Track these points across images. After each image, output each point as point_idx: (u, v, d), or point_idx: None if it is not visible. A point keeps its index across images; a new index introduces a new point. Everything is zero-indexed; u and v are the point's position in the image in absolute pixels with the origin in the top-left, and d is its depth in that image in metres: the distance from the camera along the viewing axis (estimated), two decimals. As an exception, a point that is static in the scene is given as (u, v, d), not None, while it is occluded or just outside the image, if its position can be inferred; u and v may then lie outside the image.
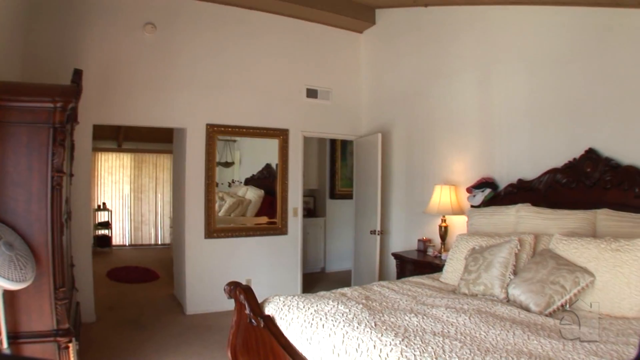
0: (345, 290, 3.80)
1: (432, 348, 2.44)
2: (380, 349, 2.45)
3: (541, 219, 4.27)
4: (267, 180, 7.18)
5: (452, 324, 2.89)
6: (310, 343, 2.82)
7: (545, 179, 4.70)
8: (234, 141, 6.98)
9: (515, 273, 3.71)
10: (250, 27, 6.84)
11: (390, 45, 7.25)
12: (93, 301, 5.93)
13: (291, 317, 3.10)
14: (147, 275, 8.89)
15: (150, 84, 6.16)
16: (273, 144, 7.04)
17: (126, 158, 12.36)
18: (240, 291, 3.36)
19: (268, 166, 7.18)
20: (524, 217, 4.44)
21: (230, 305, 3.50)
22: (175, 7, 6.34)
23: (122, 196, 12.41)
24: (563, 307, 3.26)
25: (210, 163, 6.55)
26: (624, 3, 4.02)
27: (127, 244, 12.38)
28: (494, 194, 5.21)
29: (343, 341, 2.65)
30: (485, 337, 2.67)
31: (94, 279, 6.04)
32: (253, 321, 3.20)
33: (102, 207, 11.84)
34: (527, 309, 3.26)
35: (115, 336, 5.37)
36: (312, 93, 7.31)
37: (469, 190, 5.44)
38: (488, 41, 5.51)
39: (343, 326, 2.80)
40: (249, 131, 6.83)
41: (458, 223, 5.74)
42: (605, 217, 3.88)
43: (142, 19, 6.12)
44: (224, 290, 3.49)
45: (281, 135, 7.05)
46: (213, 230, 6.63)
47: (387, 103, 7.23)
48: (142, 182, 12.55)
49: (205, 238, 6.59)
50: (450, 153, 6.03)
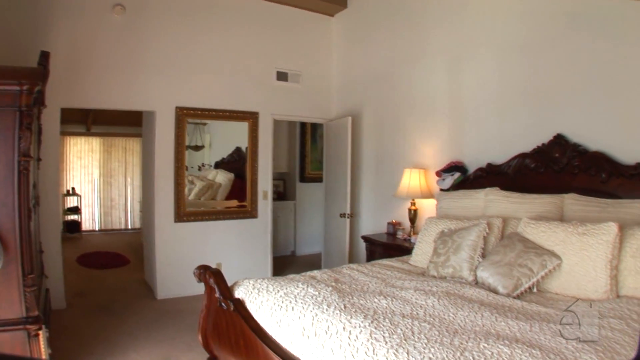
0: (314, 273, 3.79)
1: (401, 330, 2.44)
2: (349, 331, 2.44)
3: (510, 203, 4.31)
4: (237, 163, 7.10)
5: (421, 306, 2.89)
6: (280, 326, 2.80)
7: (514, 164, 4.74)
8: (204, 124, 6.89)
9: (483, 256, 3.74)
10: (220, 10, 6.71)
11: (361, 29, 7.20)
12: (63, 287, 5.80)
13: (261, 300, 3.08)
14: (118, 260, 8.78)
15: (119, 67, 5.99)
16: (243, 127, 6.96)
17: (95, 142, 12.09)
18: (209, 275, 3.33)
19: (238, 149, 7.11)
20: (493, 201, 4.47)
21: (201, 289, 3.46)
22: (144, -12, 6.17)
23: (92, 181, 12.16)
24: (530, 290, 3.30)
25: (179, 146, 6.44)
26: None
27: (97, 229, 12.17)
28: (463, 178, 5.24)
29: (312, 323, 2.63)
30: (453, 319, 2.68)
31: (64, 265, 5.91)
32: (223, 305, 3.17)
33: (71, 192, 11.59)
34: (495, 291, 3.29)
35: (86, 322, 5.28)
36: (283, 76, 7.23)
37: (439, 174, 5.46)
38: (459, 27, 5.50)
39: (312, 309, 2.78)
40: (219, 114, 6.73)
41: (427, 206, 5.77)
42: (572, 202, 3.94)
43: (111, 0, 5.92)
44: (194, 274, 3.45)
45: (251, 118, 6.97)
46: (183, 214, 6.54)
47: (358, 87, 7.20)
48: (112, 167, 12.31)
49: (175, 222, 6.50)
50: (420, 137, 6.04)
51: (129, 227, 12.53)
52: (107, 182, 12.31)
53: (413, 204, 5.77)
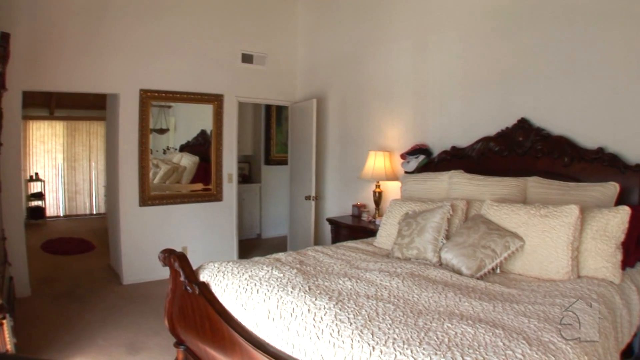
0: (279, 255, 3.76)
1: (366, 311, 2.43)
2: (314, 313, 2.42)
3: (473, 186, 4.34)
4: (202, 146, 7.00)
5: (386, 287, 2.89)
6: (245, 308, 2.76)
7: (478, 147, 4.78)
8: (169, 107, 6.74)
9: (447, 238, 3.76)
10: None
11: (327, 10, 7.12)
12: (27, 275, 5.62)
13: (226, 283, 3.04)
14: (83, 246, 8.60)
15: (82, 49, 5.77)
16: (208, 110, 6.85)
17: (59, 126, 11.70)
18: (174, 258, 3.26)
19: (203, 132, 7.00)
20: (457, 184, 4.49)
21: (167, 273, 3.40)
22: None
23: (56, 166, 11.78)
24: (494, 271, 3.34)
25: (144, 130, 6.29)
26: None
27: (62, 215, 11.84)
28: (428, 161, 5.26)
29: (277, 306, 2.60)
30: (418, 300, 2.68)
31: (28, 252, 5.72)
32: (188, 288, 3.12)
33: (35, 178, 11.18)
34: (459, 272, 3.31)
35: (51, 310, 5.15)
36: (248, 58, 7.12)
37: (403, 156, 5.47)
38: (424, 10, 5.48)
39: (277, 291, 2.75)
40: (184, 97, 6.59)
41: (392, 189, 5.78)
42: (535, 185, 3.99)
43: (74, -19, 5.68)
44: (159, 258, 3.38)
45: (216, 100, 6.86)
46: (148, 197, 6.43)
47: (323, 69, 7.15)
48: (76, 151, 11.95)
49: (139, 206, 6.38)
50: (384, 119, 6.04)
51: (94, 212, 12.23)
52: (72, 167, 11.97)
53: (378, 187, 5.78)
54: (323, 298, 2.59)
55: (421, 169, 5.23)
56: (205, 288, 3.07)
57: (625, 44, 3.82)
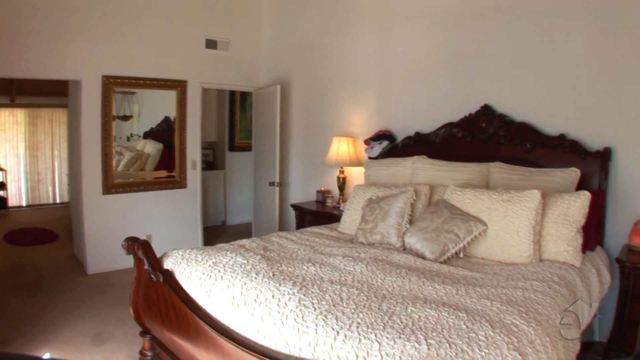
0: (243, 241, 3.71)
1: (330, 296, 2.41)
2: (278, 299, 2.39)
3: (437, 171, 4.36)
4: (167, 133, 6.87)
5: (350, 272, 2.87)
6: (209, 296, 2.72)
7: (442, 133, 4.80)
8: (133, 93, 6.58)
9: (411, 222, 3.76)
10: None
11: (292, -5, 7.07)
12: (-11, 267, 5.45)
13: (190, 271, 2.98)
14: (46, 236, 8.35)
15: (42, 33, 5.53)
16: (171, 96, 6.71)
17: (20, 114, 11.26)
18: (138, 246, 3.19)
19: (167, 119, 6.86)
20: (420, 169, 4.50)
21: (131, 262, 3.33)
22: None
23: (17, 154, 11.37)
24: (457, 255, 3.35)
25: (107, 117, 6.12)
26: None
27: (25, 205, 11.45)
28: (392, 146, 5.27)
29: (242, 292, 2.56)
30: (381, 284, 2.67)
31: (-10, 244, 5.56)
32: (152, 276, 3.05)
33: (-4, 167, 10.92)
34: (423, 257, 3.32)
35: (14, 302, 5.00)
36: (212, 44, 6.98)
37: (367, 142, 5.47)
38: (390, -3, 5.48)
39: (241, 277, 2.71)
40: (147, 83, 6.43)
41: (356, 174, 5.78)
42: (498, 170, 4.02)
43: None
44: (122, 246, 3.30)
45: (179, 86, 6.72)
46: (111, 185, 6.28)
47: (287, 55, 7.07)
48: (38, 139, 11.54)
49: (103, 194, 6.22)
50: (348, 105, 6.02)
51: (58, 202, 11.89)
52: (34, 156, 11.57)
53: (342, 172, 5.77)
54: (287, 284, 2.56)
55: (385, 155, 5.23)
56: (169, 276, 3.01)
57: (586, 35, 3.89)
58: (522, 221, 3.23)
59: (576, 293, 2.85)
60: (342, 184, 5.75)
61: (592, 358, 3.56)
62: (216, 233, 8.50)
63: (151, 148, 6.83)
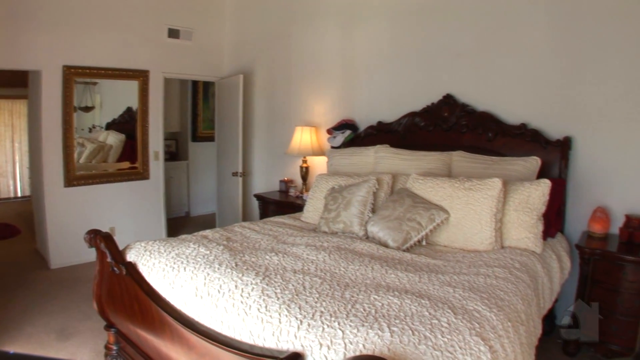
0: (206, 232, 3.65)
1: (293, 285, 2.39)
2: (241, 289, 2.35)
3: (399, 160, 4.37)
4: (129, 124, 6.70)
5: (313, 262, 2.85)
6: (173, 287, 2.66)
7: (404, 122, 4.81)
8: (94, 84, 6.39)
9: (373, 211, 3.76)
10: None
11: (255, -16, 6.97)
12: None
13: (153, 263, 2.91)
14: (7, 231, 8.04)
15: (0, 22, 5.32)
16: (134, 86, 6.54)
17: None
18: (100, 239, 3.10)
19: (129, 109, 6.70)
20: (383, 158, 4.51)
21: (94, 255, 3.25)
22: None
23: None
24: (420, 243, 3.36)
25: (67, 108, 5.91)
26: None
27: None
28: (354, 136, 5.26)
29: (205, 283, 2.51)
30: (344, 273, 2.66)
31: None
32: (115, 269, 2.98)
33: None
34: (386, 245, 3.32)
35: None
36: (174, 33, 6.83)
37: (330, 131, 5.45)
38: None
39: (204, 268, 2.66)
40: (109, 73, 6.24)
41: (319, 164, 5.76)
42: (459, 159, 4.05)
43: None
44: (84, 239, 3.21)
45: (141, 76, 6.56)
46: (73, 178, 6.09)
47: (250, 45, 6.97)
48: None
49: (65, 187, 6.02)
50: (312, 95, 5.99)
51: (19, 195, 11.51)
52: (-7, 149, 11.30)
53: (305, 162, 5.74)
54: (250, 274, 2.53)
55: (347, 144, 5.22)
56: (132, 268, 2.94)
57: (546, 27, 3.95)
58: (484, 209, 3.26)
59: (537, 279, 2.89)
60: (305, 174, 5.72)
61: (554, 342, 3.63)
62: (180, 224, 8.38)
63: (113, 139, 6.68)
